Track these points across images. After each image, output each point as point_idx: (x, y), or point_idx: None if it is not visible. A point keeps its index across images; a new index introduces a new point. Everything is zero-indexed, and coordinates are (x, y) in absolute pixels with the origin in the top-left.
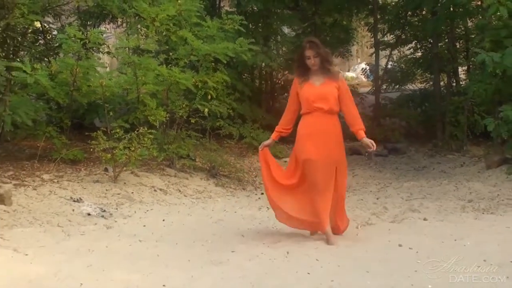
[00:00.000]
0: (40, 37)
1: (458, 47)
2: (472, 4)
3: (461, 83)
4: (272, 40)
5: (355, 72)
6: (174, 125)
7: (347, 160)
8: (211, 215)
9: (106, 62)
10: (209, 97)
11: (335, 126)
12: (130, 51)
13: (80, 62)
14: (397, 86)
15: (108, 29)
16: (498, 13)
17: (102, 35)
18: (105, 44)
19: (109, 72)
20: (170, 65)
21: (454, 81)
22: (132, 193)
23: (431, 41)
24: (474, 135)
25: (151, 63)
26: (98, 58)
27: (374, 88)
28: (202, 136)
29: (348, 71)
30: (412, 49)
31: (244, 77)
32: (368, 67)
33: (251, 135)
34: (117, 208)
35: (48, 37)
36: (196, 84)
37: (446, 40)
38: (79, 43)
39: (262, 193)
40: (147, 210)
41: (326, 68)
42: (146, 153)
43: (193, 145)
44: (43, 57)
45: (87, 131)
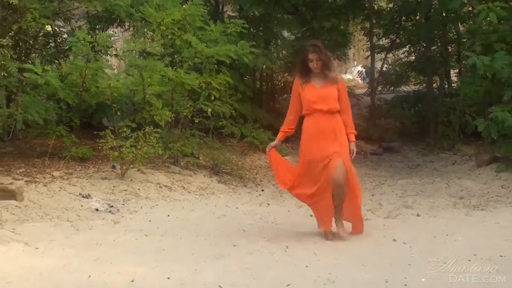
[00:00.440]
0: (51, 40)
1: (450, 50)
2: (464, 10)
3: (453, 85)
4: (272, 43)
5: (351, 74)
6: (179, 124)
7: None
8: (214, 211)
9: (114, 64)
10: (212, 97)
11: (336, 125)
12: (136, 54)
13: (89, 64)
14: (392, 88)
15: (116, 33)
16: (488, 19)
17: (110, 38)
18: (113, 47)
19: (116, 74)
20: (175, 67)
21: (446, 83)
22: (139, 189)
23: (424, 45)
24: (465, 134)
25: (157, 65)
26: (106, 61)
27: (370, 90)
28: (205, 135)
29: (345, 73)
30: (406, 52)
31: (245, 78)
32: (364, 70)
33: (252, 135)
34: (124, 204)
35: (59, 40)
36: (200, 85)
37: (439, 44)
38: (88, 46)
39: (262, 190)
40: (153, 206)
41: (327, 72)
42: (152, 151)
43: (196, 144)
44: (54, 59)
45: (96, 130)
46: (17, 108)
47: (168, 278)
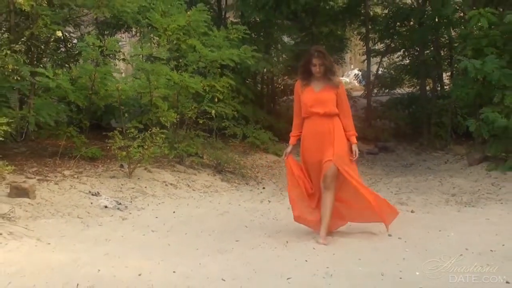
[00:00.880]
0: (61, 45)
1: (442, 54)
2: (456, 16)
3: (445, 87)
4: (273, 48)
5: (348, 77)
6: (184, 125)
7: None
8: (217, 208)
9: (121, 68)
10: (216, 100)
11: (334, 128)
12: (143, 58)
13: (98, 68)
14: (387, 90)
15: (123, 38)
16: (479, 24)
17: (118, 43)
18: (121, 51)
19: (124, 77)
20: (180, 71)
21: (439, 85)
22: (145, 187)
23: (418, 49)
24: (457, 135)
25: (163, 69)
26: (114, 65)
27: (366, 92)
28: (209, 136)
29: (342, 76)
30: (400, 56)
31: (247, 81)
32: (360, 73)
33: (254, 135)
34: (131, 201)
35: (69, 45)
36: (204, 88)
37: (432, 48)
38: (97, 50)
39: (263, 188)
40: (159, 203)
41: (329, 77)
42: (158, 151)
43: (201, 144)
44: (64, 63)
45: (104, 131)
46: (29, 110)
47: (174, 271)
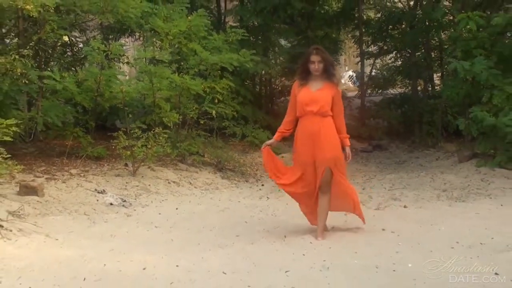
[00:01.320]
0: (68, 50)
1: (433, 56)
2: (445, 19)
3: (436, 88)
4: (270, 50)
5: (343, 79)
6: (186, 125)
7: None
8: (218, 204)
9: (125, 71)
10: (216, 101)
11: (327, 127)
12: (147, 61)
13: (103, 71)
14: (380, 91)
15: (127, 42)
16: (467, 27)
17: (122, 47)
18: (125, 55)
19: (128, 79)
20: (181, 74)
21: (430, 86)
22: (149, 185)
23: (410, 51)
24: (448, 133)
25: (165, 72)
26: (118, 68)
27: (360, 93)
28: (210, 135)
29: None
30: (393, 58)
31: (246, 83)
32: (354, 74)
33: (253, 134)
34: (136, 199)
35: (75, 50)
36: (205, 89)
37: (423, 50)
38: (102, 54)
39: (262, 185)
40: (162, 200)
41: (328, 75)
42: (161, 150)
43: (202, 143)
44: (71, 67)
45: (109, 131)
46: (37, 112)
47: (177, 266)
